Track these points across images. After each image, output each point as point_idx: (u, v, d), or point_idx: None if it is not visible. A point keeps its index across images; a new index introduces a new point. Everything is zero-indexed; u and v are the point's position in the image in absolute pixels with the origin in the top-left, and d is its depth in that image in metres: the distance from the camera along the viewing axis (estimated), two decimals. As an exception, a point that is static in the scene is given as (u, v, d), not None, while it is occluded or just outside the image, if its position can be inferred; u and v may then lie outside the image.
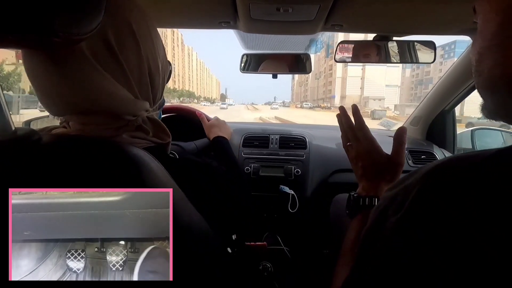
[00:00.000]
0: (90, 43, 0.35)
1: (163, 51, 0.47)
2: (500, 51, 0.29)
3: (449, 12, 0.81)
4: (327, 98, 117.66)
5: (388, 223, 0.26)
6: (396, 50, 1.08)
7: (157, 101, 0.47)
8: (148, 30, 0.42)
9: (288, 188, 1.16)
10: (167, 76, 0.51)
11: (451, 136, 1.38)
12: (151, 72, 0.43)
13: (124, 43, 0.38)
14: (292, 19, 0.86)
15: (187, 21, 0.98)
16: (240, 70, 1.26)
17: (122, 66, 0.38)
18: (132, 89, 0.40)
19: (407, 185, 0.27)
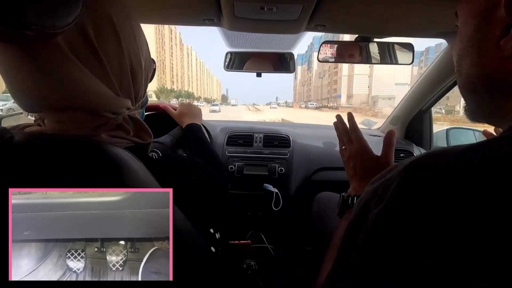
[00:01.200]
0: (67, 36, 0.33)
1: (147, 48, 0.46)
2: (476, 52, 0.30)
3: (426, 16, 0.85)
4: (332, 97, 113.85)
5: (370, 216, 0.27)
6: (376, 51, 1.11)
7: (139, 99, 0.46)
8: (130, 25, 0.40)
9: (272, 186, 1.17)
10: (150, 74, 0.49)
11: (427, 135, 1.44)
12: (133, 68, 0.41)
13: (104, 37, 0.37)
14: (276, 18, 0.86)
15: (170, 17, 0.97)
16: (224, 68, 1.25)
17: (102, 61, 0.37)
18: (112, 85, 0.39)
19: (387, 179, 0.27)
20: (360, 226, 0.28)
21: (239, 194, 1.22)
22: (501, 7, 0.27)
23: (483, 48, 0.30)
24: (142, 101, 0.48)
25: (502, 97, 0.29)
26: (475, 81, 0.31)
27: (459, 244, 0.21)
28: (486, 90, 0.31)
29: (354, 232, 0.29)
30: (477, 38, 0.30)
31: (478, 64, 0.30)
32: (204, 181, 0.51)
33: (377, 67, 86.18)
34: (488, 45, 0.29)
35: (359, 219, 0.29)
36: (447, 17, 0.85)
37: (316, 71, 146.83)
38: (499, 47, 0.27)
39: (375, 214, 0.26)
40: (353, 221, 0.31)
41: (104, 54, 0.37)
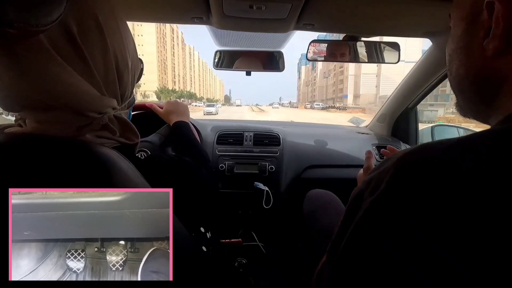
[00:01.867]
0: (49, 34, 0.32)
1: (134, 47, 0.45)
2: (464, 52, 0.32)
3: (412, 16, 0.87)
4: (338, 97, 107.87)
5: (363, 204, 0.28)
6: (364, 50, 1.13)
7: (125, 99, 0.45)
8: (116, 23, 0.40)
9: (263, 184, 1.18)
10: (137, 74, 0.49)
11: (413, 132, 1.48)
12: (119, 68, 0.40)
13: (88, 35, 0.36)
14: (265, 17, 0.86)
15: (159, 15, 0.95)
16: (213, 67, 1.24)
17: (86, 60, 0.36)
18: (97, 84, 0.38)
19: (381, 171, 0.28)
20: (353, 215, 0.29)
21: (229, 192, 1.22)
22: (484, 11, 0.29)
23: (470, 49, 0.32)
24: (128, 101, 0.47)
25: (488, 95, 0.31)
26: (464, 80, 0.33)
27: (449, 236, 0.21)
28: (474, 89, 0.33)
29: (348, 221, 0.30)
30: (465, 39, 0.32)
31: (466, 64, 0.33)
32: (193, 180, 0.51)
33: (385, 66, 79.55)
34: (474, 46, 0.31)
35: (353, 208, 0.30)
36: (432, 17, 0.87)
37: (321, 70, 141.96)
38: (484, 48, 0.29)
39: (368, 203, 0.27)
40: (347, 211, 0.31)
41: (89, 53, 0.36)
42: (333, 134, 1.52)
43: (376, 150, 1.35)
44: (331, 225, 0.80)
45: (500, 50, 0.28)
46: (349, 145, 1.38)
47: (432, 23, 0.92)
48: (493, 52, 0.29)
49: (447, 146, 0.25)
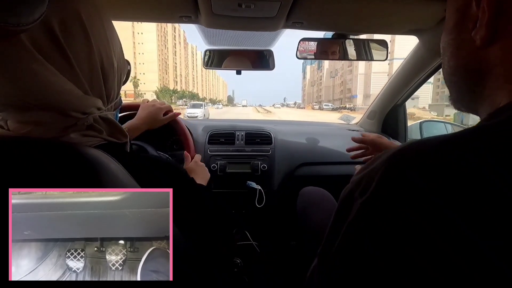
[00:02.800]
0: (30, 32, 0.31)
1: (120, 48, 0.44)
2: (455, 44, 0.33)
3: (398, 14, 0.88)
4: (346, 98, 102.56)
5: (354, 206, 0.27)
6: (353, 48, 1.14)
7: (111, 100, 0.44)
8: (101, 22, 0.39)
9: (255, 183, 1.18)
10: (124, 75, 0.48)
11: (402, 128, 1.50)
12: (104, 67, 0.40)
13: (72, 33, 0.35)
14: (254, 15, 0.86)
15: (146, 14, 0.94)
16: (203, 66, 1.24)
17: (69, 59, 0.35)
18: (81, 84, 0.37)
19: (371, 169, 0.28)
20: (344, 216, 0.28)
21: (222, 192, 1.22)
22: (473, 2, 0.29)
23: (460, 40, 0.32)
24: (115, 103, 0.46)
25: (478, 86, 0.32)
26: (454, 72, 0.34)
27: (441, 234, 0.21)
28: (464, 80, 0.33)
29: (338, 222, 0.29)
30: (456, 31, 0.33)
31: (457, 56, 0.33)
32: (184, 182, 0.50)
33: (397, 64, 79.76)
34: (464, 38, 0.31)
35: (343, 209, 0.29)
36: (418, 15, 0.89)
37: (327, 70, 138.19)
38: (473, 39, 0.30)
39: (359, 204, 0.26)
40: (337, 211, 0.31)
41: (72, 52, 0.35)
42: (324, 131, 1.53)
43: None
44: (323, 222, 0.80)
45: (486, 39, 0.29)
46: (340, 142, 1.39)
47: (418, 21, 0.94)
48: (480, 42, 0.29)
49: (438, 142, 0.25)
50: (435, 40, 1.05)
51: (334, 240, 0.29)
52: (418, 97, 67.06)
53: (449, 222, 0.21)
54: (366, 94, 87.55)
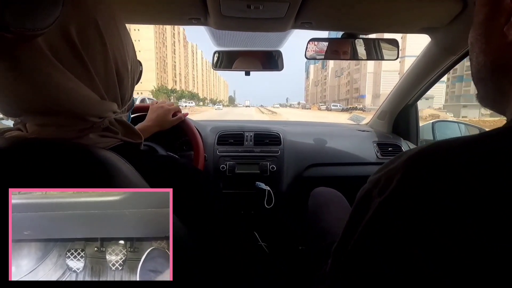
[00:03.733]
0: (49, 38, 0.32)
1: (133, 50, 0.45)
2: (484, 39, 0.32)
3: (409, 13, 0.87)
4: (353, 98, 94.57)
5: (372, 205, 0.27)
6: (363, 48, 1.13)
7: (125, 102, 0.45)
8: (115, 26, 0.40)
9: (264, 184, 1.18)
10: (137, 77, 0.49)
11: (414, 129, 1.47)
12: (119, 71, 0.40)
13: (88, 39, 0.36)
14: (263, 16, 0.86)
15: (156, 17, 0.95)
16: (212, 68, 1.25)
17: (86, 65, 0.36)
18: (97, 89, 0.38)
19: (390, 169, 0.28)
20: (361, 216, 0.28)
21: (231, 193, 1.22)
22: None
23: (490, 35, 0.31)
24: (128, 104, 0.47)
25: (506, 83, 0.31)
26: (482, 68, 0.33)
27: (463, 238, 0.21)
28: (492, 76, 0.32)
29: (355, 220, 0.29)
30: (486, 25, 0.32)
31: (485, 51, 0.32)
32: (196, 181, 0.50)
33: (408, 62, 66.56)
34: (495, 32, 0.30)
35: (360, 208, 0.29)
36: (430, 13, 0.87)
37: (333, 69, 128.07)
38: (504, 34, 0.29)
39: (377, 203, 0.26)
40: (354, 210, 0.31)
41: (89, 57, 0.36)
42: (334, 132, 1.52)
43: (377, 147, 1.35)
44: (334, 223, 0.80)
45: None
46: (349, 142, 1.38)
47: (430, 19, 0.92)
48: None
49: (460, 143, 0.25)
50: (448, 39, 1.02)
51: (350, 238, 0.29)
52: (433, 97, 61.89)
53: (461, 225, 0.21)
54: (376, 94, 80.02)
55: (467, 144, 0.25)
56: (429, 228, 0.22)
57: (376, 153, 1.32)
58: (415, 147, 0.29)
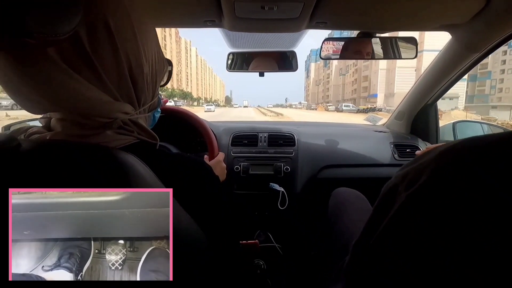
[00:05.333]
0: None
1: (156, 51, 0.45)
2: None
3: (429, 9, 0.84)
4: (361, 97, 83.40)
5: (398, 198, 0.27)
6: (379, 46, 1.11)
7: (144, 103, 0.45)
8: (131, 27, 0.39)
9: (278, 185, 1.17)
10: (160, 77, 0.48)
11: (434, 129, 1.42)
12: (133, 73, 0.40)
13: (98, 42, 0.35)
14: (277, 17, 0.86)
15: (172, 20, 0.97)
16: (226, 69, 1.25)
17: (95, 67, 0.36)
18: (109, 90, 0.38)
19: (419, 164, 0.27)
20: (385, 211, 0.28)
21: (245, 194, 1.22)
22: None
23: None
24: (151, 105, 0.47)
25: None
26: None
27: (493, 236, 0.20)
28: None
29: (379, 215, 0.29)
30: None
31: None
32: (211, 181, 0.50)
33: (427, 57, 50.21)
34: None
35: (385, 203, 0.29)
36: (452, 9, 0.84)
37: (337, 67, 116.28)
38: None
39: (404, 197, 0.26)
40: (378, 204, 0.31)
41: (98, 60, 0.36)
42: (349, 133, 1.49)
43: (394, 149, 1.31)
44: (353, 224, 0.78)
45: None
46: (365, 143, 1.35)
47: (451, 15, 0.89)
48: None
49: (489, 142, 0.25)
50: (470, 36, 0.98)
51: (372, 233, 0.29)
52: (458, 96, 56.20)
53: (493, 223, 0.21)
54: (389, 92, 70.67)
55: (497, 141, 0.24)
56: (460, 223, 0.22)
57: (393, 154, 1.29)
58: (446, 143, 0.28)
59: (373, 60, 1.14)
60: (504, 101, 18.90)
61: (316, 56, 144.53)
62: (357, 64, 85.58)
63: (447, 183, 0.24)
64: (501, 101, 39.10)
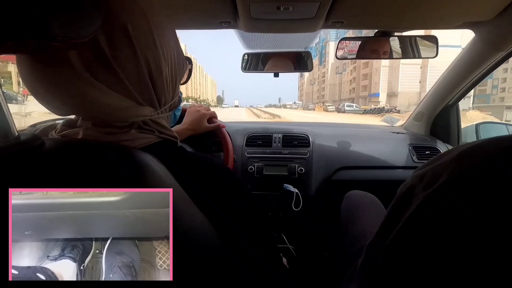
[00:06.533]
0: (78, 51, 0.33)
1: (176, 51, 0.45)
2: None
3: (451, 6, 0.81)
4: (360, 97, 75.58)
5: (415, 200, 0.27)
6: (398, 46, 1.08)
7: (165, 103, 0.45)
8: (149, 29, 0.39)
9: (292, 186, 1.17)
10: (180, 76, 0.48)
11: (455, 131, 1.37)
12: (152, 76, 0.40)
13: (119, 49, 0.36)
14: (293, 17, 0.85)
15: (188, 22, 0.98)
16: (241, 70, 1.26)
17: (117, 73, 0.36)
18: (131, 95, 0.39)
19: (437, 165, 0.27)
20: (402, 211, 0.28)
21: (259, 194, 1.22)
22: None
23: None
24: (171, 104, 0.47)
25: None
26: None
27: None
28: None
29: (394, 216, 0.29)
30: None
31: None
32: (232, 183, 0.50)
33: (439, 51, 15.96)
34: None
35: (401, 204, 0.29)
36: (476, 6, 0.81)
37: (333, 65, 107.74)
38: None
39: (422, 198, 0.26)
40: (394, 205, 0.31)
41: (118, 65, 0.36)
42: (366, 134, 1.46)
43: (413, 150, 1.28)
44: (367, 229, 0.76)
45: None
46: (382, 145, 1.32)
47: (475, 12, 0.85)
48: None
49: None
50: (495, 34, 0.94)
51: (388, 234, 0.29)
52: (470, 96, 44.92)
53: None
54: (392, 91, 63.95)
55: None
56: (480, 226, 0.21)
57: (412, 157, 1.25)
58: (466, 143, 0.27)
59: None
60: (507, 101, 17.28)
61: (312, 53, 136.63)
62: (355, 62, 75.51)
63: (472, 183, 0.23)
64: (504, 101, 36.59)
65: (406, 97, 60.71)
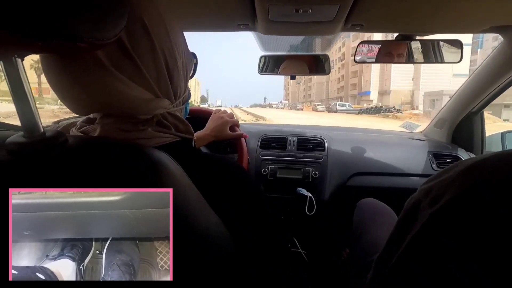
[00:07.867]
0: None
1: (184, 45, 0.46)
2: None
3: (477, 9, 0.78)
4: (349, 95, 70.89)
5: (421, 216, 0.26)
6: (419, 50, 1.05)
7: (179, 96, 0.47)
8: (163, 24, 0.41)
9: (306, 190, 1.15)
10: (190, 70, 0.50)
11: (479, 140, 1.31)
12: (169, 69, 0.42)
13: (138, 41, 0.37)
14: (311, 20, 0.85)
15: (207, 25, 1.00)
16: (258, 72, 1.26)
17: (138, 65, 0.38)
18: (150, 87, 0.40)
19: (444, 179, 0.26)
20: (408, 227, 0.27)
21: (271, 197, 1.22)
22: None
23: None
24: (183, 98, 0.48)
25: None
26: None
27: None
28: None
29: (401, 232, 0.28)
30: None
31: None
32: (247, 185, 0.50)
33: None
34: None
35: (407, 219, 0.28)
36: (503, 8, 0.77)
37: None
38: None
39: (428, 215, 0.25)
40: (400, 221, 0.30)
41: (139, 57, 0.38)
42: (383, 140, 1.43)
43: (432, 158, 1.23)
44: (380, 239, 0.74)
45: None
46: (401, 152, 1.28)
47: (502, 16, 0.81)
48: None
49: None
50: (525, 38, 0.90)
51: (395, 251, 0.28)
52: None
53: None
54: (384, 90, 58.69)
55: None
56: (487, 245, 0.20)
57: (431, 164, 1.21)
58: (472, 157, 0.26)
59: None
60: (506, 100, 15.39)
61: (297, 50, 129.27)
62: (343, 59, 70.74)
63: (470, 203, 0.22)
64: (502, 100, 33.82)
65: (398, 95, 55.61)
